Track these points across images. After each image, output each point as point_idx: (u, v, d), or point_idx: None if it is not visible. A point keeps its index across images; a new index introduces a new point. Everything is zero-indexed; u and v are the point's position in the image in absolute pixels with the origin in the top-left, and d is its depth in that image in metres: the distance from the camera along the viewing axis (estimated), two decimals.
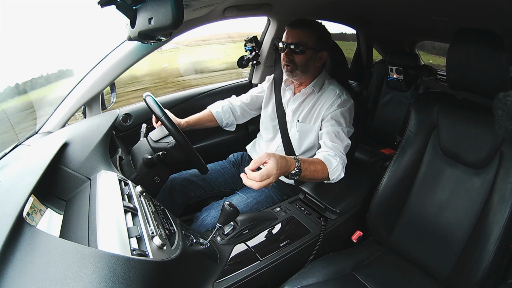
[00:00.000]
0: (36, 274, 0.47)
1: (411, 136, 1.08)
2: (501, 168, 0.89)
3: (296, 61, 1.16)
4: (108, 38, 1.35)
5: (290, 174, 0.91)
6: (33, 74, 1.52)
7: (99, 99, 1.31)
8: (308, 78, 1.23)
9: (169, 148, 1.06)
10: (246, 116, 1.45)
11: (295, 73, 1.19)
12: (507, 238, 0.85)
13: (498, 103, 0.75)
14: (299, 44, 1.14)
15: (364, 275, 0.98)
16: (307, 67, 1.19)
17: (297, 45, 1.14)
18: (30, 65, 1.50)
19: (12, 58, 1.32)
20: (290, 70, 1.18)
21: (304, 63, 1.17)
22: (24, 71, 1.43)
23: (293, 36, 1.16)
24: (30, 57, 1.50)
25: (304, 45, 1.14)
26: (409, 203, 1.08)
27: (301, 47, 1.14)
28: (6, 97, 1.31)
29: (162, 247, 0.66)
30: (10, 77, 1.31)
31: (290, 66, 1.17)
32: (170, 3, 0.61)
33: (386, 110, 2.32)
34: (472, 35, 0.90)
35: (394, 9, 1.57)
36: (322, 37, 1.19)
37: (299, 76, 1.20)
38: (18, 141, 1.04)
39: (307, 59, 1.17)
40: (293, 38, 1.15)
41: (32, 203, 0.67)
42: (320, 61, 1.21)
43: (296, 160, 0.92)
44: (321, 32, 1.19)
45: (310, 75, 1.22)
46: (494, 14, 1.10)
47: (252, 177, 0.81)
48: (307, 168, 0.95)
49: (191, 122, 1.32)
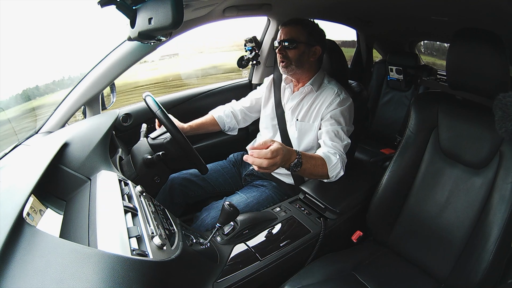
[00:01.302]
0: (36, 274, 0.47)
1: (411, 136, 1.08)
2: (501, 168, 0.89)
3: (290, 56, 1.19)
4: (108, 38, 1.35)
5: (291, 165, 0.92)
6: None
7: (99, 99, 1.31)
8: (304, 73, 1.24)
9: (165, 143, 1.06)
10: (247, 120, 1.46)
11: (290, 68, 1.21)
12: (507, 238, 0.85)
13: (498, 103, 0.75)
14: (291, 40, 1.18)
15: (364, 275, 0.98)
16: (301, 61, 1.21)
17: (290, 41, 1.18)
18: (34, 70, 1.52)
19: (16, 62, 1.33)
20: (285, 66, 1.21)
21: (298, 58, 1.20)
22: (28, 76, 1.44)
23: (285, 33, 1.20)
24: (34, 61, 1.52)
25: (296, 40, 1.18)
26: (409, 203, 1.08)
27: (294, 43, 1.18)
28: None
29: (162, 247, 0.66)
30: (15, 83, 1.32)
31: (285, 62, 1.20)
32: (170, 3, 0.61)
33: (386, 110, 2.32)
34: (472, 35, 0.90)
35: (394, 9, 1.57)
36: (313, 32, 1.22)
37: (294, 71, 1.22)
38: (18, 141, 1.04)
39: (300, 53, 1.19)
40: (285, 35, 1.20)
41: (32, 203, 0.66)
42: (314, 56, 1.22)
43: (297, 152, 0.93)
44: (312, 28, 1.23)
45: (305, 70, 1.23)
46: (494, 14, 1.11)
47: (263, 154, 0.81)
48: (307, 161, 0.96)
49: (194, 126, 1.34)
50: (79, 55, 1.79)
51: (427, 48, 2.82)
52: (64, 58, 1.78)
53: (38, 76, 1.55)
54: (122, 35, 1.19)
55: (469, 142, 0.96)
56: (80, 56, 1.78)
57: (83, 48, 1.84)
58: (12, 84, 1.32)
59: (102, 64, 1.25)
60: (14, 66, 1.34)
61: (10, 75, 1.29)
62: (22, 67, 1.42)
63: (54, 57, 1.71)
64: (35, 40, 1.54)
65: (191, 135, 1.30)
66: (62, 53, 1.77)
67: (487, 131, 0.92)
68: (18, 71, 1.39)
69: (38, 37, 1.55)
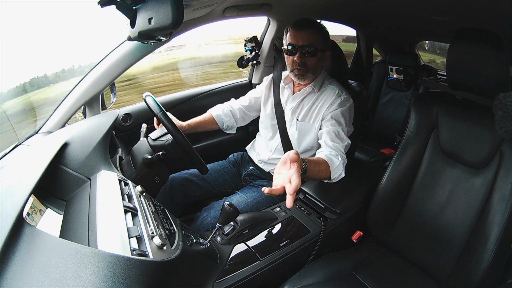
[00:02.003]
0: (36, 274, 0.47)
1: (411, 136, 1.08)
2: (501, 168, 0.89)
3: (308, 64, 1.15)
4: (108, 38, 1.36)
5: None
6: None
7: (99, 99, 1.31)
8: (313, 78, 1.24)
9: (167, 145, 1.06)
10: (246, 119, 1.46)
11: (306, 76, 1.17)
12: (507, 238, 0.85)
13: (498, 103, 0.75)
14: (311, 46, 1.12)
15: (364, 275, 0.98)
16: (316, 69, 1.18)
17: (310, 47, 1.12)
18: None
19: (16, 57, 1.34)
20: (301, 74, 1.16)
21: (315, 65, 1.17)
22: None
23: (304, 38, 1.13)
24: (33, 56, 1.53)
25: (315, 47, 1.13)
26: (409, 203, 1.08)
27: (313, 48, 1.13)
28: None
29: (162, 247, 0.66)
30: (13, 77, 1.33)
31: (302, 70, 1.15)
32: (170, 3, 0.61)
33: (386, 110, 2.32)
34: (472, 35, 0.90)
35: (394, 9, 1.57)
36: (327, 36, 1.19)
37: (309, 79, 1.20)
38: (18, 141, 1.04)
39: (317, 61, 1.16)
40: (304, 40, 1.13)
41: (32, 203, 0.66)
42: (325, 61, 1.21)
43: (303, 161, 0.88)
44: (326, 32, 1.20)
45: (315, 76, 1.23)
46: (494, 14, 1.10)
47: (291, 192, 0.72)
48: (312, 170, 0.93)
49: (193, 124, 1.33)
50: (88, 45, 1.81)
51: (432, 46, 2.82)
52: (73, 48, 1.81)
53: (49, 65, 1.58)
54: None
55: (469, 142, 0.96)
56: (89, 46, 1.80)
57: (92, 37, 1.85)
58: (20, 74, 1.33)
59: (102, 64, 1.25)
60: (22, 56, 1.36)
61: (18, 65, 1.29)
62: (31, 57, 1.44)
63: (64, 46, 1.73)
64: (46, 30, 1.55)
65: (190, 134, 1.30)
66: (71, 43, 1.79)
67: (487, 131, 0.92)
68: (27, 60, 1.41)
69: (50, 27, 1.57)
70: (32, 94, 1.43)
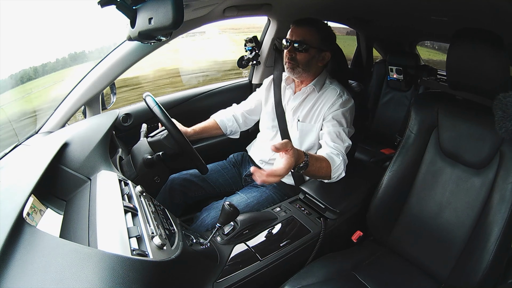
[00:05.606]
0: (36, 274, 0.47)
1: (411, 136, 1.08)
2: (501, 168, 0.89)
3: (298, 59, 1.17)
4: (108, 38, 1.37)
5: (297, 166, 0.91)
6: None
7: (99, 99, 1.31)
8: (309, 76, 1.23)
9: (162, 139, 1.07)
10: (248, 123, 1.46)
11: (296, 70, 1.19)
12: (507, 238, 0.85)
13: (498, 103, 0.75)
14: (303, 42, 1.14)
15: (364, 275, 0.98)
16: (309, 66, 1.19)
17: (301, 43, 1.14)
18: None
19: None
20: (292, 67, 1.18)
21: (306, 62, 1.17)
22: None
23: (297, 34, 1.15)
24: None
25: (308, 44, 1.14)
26: (409, 203, 1.07)
27: (304, 45, 1.14)
28: None
29: (162, 247, 0.66)
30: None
31: (292, 64, 1.17)
32: (170, 3, 0.61)
33: (386, 110, 2.32)
34: (472, 35, 0.90)
35: (394, 9, 1.57)
36: (327, 37, 1.19)
37: (300, 74, 1.20)
38: (18, 141, 1.04)
39: (309, 58, 1.17)
40: (298, 36, 1.15)
41: (32, 203, 0.67)
42: (322, 61, 1.21)
43: (305, 153, 0.93)
44: (326, 32, 1.19)
45: (311, 74, 1.22)
46: (494, 14, 1.10)
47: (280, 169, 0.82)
48: (313, 164, 0.96)
49: (198, 130, 1.34)
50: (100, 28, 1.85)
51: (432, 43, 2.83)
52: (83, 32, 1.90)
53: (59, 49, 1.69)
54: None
55: (469, 142, 0.96)
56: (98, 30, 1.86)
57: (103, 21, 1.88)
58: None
59: (102, 64, 1.25)
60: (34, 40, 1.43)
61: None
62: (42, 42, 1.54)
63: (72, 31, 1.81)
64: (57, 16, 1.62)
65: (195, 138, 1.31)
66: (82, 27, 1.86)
67: (487, 131, 0.92)
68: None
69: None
70: None
